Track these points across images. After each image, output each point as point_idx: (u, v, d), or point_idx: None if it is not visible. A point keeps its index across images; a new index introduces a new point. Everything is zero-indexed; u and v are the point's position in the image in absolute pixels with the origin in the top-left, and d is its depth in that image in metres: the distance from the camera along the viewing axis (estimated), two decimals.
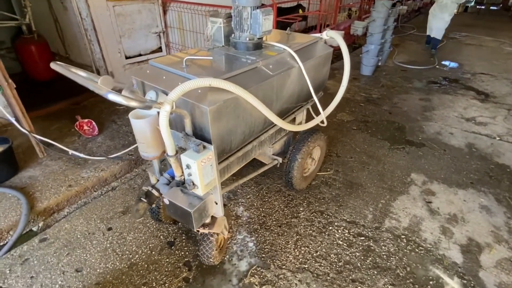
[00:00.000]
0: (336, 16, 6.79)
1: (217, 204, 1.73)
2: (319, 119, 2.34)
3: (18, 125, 2.58)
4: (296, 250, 2.15)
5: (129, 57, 4.27)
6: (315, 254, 2.12)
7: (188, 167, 1.45)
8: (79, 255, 2.09)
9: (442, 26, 6.41)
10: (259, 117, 1.82)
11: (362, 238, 2.26)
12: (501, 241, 2.25)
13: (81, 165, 2.80)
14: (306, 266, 2.04)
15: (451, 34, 8.24)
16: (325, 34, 2.27)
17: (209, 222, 1.80)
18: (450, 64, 6.12)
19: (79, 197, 2.58)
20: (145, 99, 1.32)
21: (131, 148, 2.91)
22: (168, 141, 1.40)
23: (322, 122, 2.37)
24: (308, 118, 2.60)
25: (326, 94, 4.36)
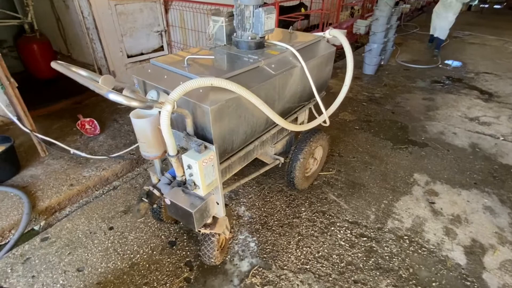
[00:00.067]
0: (338, 14, 6.76)
1: (218, 204, 1.72)
2: (322, 118, 2.32)
3: (20, 124, 2.59)
4: (298, 251, 2.14)
5: (131, 56, 4.27)
6: (317, 255, 2.11)
7: (190, 167, 1.44)
8: (80, 254, 2.09)
9: (446, 25, 6.26)
10: (261, 117, 1.80)
11: (364, 238, 2.24)
12: (505, 242, 2.23)
13: (82, 164, 2.80)
14: (308, 267, 2.03)
15: (454, 33, 8.18)
16: (327, 33, 2.24)
17: (210, 222, 1.80)
18: (454, 63, 6.06)
19: (80, 196, 2.58)
20: (146, 98, 1.31)
21: (132, 147, 2.91)
22: (169, 141, 1.39)
23: (324, 122, 2.35)
24: (310, 117, 2.58)
25: (329, 93, 4.35)
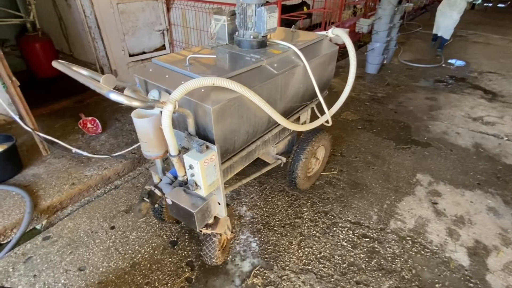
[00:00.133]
0: (341, 13, 6.73)
1: (220, 204, 1.71)
2: (324, 118, 2.31)
3: (22, 123, 2.59)
4: (299, 251, 2.13)
5: (133, 55, 4.27)
6: (319, 255, 2.10)
7: (191, 167, 1.43)
8: (82, 253, 2.09)
9: (451, 25, 6.14)
10: (263, 116, 1.79)
11: (366, 239, 2.23)
12: (509, 243, 2.21)
13: (84, 163, 2.80)
14: (310, 268, 2.02)
15: (458, 32, 8.12)
16: (330, 32, 2.22)
17: (212, 222, 1.79)
18: (457, 63, 6.02)
19: (82, 195, 2.58)
20: (148, 98, 1.30)
21: (134, 147, 2.91)
22: (170, 140, 1.38)
23: (327, 121, 2.33)
24: (312, 117, 2.57)
25: (331, 92, 4.32)
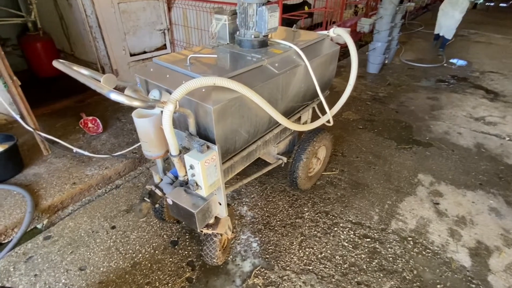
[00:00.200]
0: (342, 13, 6.71)
1: (220, 204, 1.71)
2: (325, 118, 2.30)
3: (23, 122, 2.59)
4: (300, 251, 2.12)
5: (134, 55, 4.27)
6: (319, 256, 2.09)
7: (192, 167, 1.42)
8: (82, 253, 2.09)
9: (453, 24, 6.08)
10: (264, 116, 1.79)
11: (368, 239, 2.22)
12: (510, 244, 2.20)
13: (85, 162, 2.80)
14: (311, 268, 2.01)
15: (459, 32, 8.09)
16: (331, 32, 2.21)
17: (212, 222, 1.79)
18: (459, 62, 6.00)
19: (83, 195, 2.58)
20: (148, 98, 1.30)
21: (135, 146, 2.90)
22: (171, 140, 1.37)
23: (328, 121, 2.33)
24: (313, 117, 2.56)
25: (332, 92, 4.31)
